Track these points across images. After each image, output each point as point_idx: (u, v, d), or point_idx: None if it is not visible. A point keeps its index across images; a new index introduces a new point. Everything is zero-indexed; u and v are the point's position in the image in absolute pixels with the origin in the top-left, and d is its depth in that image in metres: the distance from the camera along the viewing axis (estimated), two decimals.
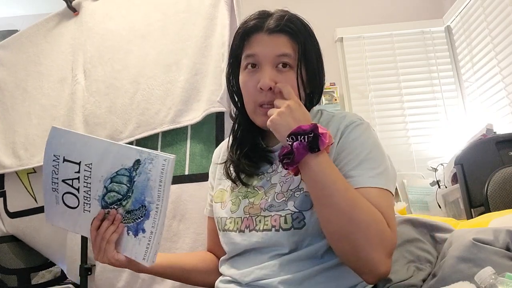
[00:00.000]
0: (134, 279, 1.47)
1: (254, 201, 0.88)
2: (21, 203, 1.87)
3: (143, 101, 1.57)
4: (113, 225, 0.84)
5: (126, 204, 0.83)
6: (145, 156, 0.81)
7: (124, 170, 0.82)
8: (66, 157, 0.86)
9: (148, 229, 0.82)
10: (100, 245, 0.85)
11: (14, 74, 1.95)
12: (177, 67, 1.55)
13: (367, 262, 0.73)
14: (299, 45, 0.87)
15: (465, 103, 2.94)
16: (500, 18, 2.46)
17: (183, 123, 1.48)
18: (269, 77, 0.85)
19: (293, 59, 0.87)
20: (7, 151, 1.86)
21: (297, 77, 0.86)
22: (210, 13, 1.51)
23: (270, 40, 0.87)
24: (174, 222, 1.42)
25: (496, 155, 1.70)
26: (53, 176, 0.89)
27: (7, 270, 1.83)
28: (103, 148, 0.84)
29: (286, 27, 0.87)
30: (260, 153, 0.93)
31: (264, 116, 0.86)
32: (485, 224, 1.04)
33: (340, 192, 0.73)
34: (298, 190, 0.84)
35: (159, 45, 1.61)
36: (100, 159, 0.84)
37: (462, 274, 0.71)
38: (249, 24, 0.90)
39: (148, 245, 0.82)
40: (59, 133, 0.89)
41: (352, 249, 0.74)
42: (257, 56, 0.87)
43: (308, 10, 3.04)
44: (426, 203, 2.20)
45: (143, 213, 0.82)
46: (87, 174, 0.85)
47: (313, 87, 0.92)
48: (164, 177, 0.80)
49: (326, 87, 2.84)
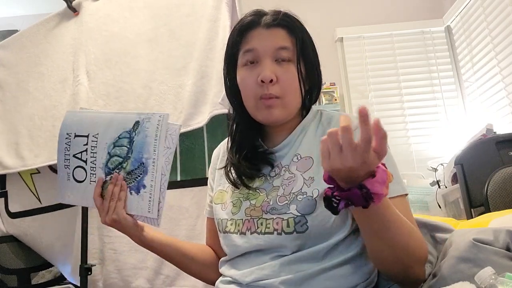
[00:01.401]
0: (155, 276, 1.51)
1: (255, 203, 0.87)
2: (24, 203, 1.88)
3: (156, 105, 1.61)
4: (116, 185, 0.91)
5: (127, 165, 0.92)
6: (143, 116, 0.91)
7: (125, 133, 0.92)
8: (76, 133, 0.97)
9: (148, 184, 0.89)
10: (109, 205, 0.90)
11: (15, 75, 1.96)
12: (185, 71, 1.58)
13: (415, 277, 0.77)
14: (297, 39, 0.88)
15: (465, 103, 2.94)
16: (500, 18, 2.46)
17: (193, 126, 1.52)
18: (269, 69, 0.85)
19: (292, 52, 0.87)
20: (10, 151, 1.86)
21: (297, 70, 0.86)
22: (213, 15, 1.53)
23: (269, 34, 0.87)
24: (199, 222, 1.52)
25: (496, 155, 1.71)
26: (65, 154, 0.98)
27: (7, 270, 1.83)
28: (108, 118, 0.95)
29: (283, 21, 0.88)
30: (261, 155, 0.92)
31: (266, 109, 0.85)
32: (485, 224, 1.04)
33: (399, 228, 0.72)
34: (301, 193, 0.83)
35: (167, 50, 1.64)
36: (105, 128, 0.94)
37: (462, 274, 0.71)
38: (245, 21, 0.90)
39: (150, 197, 0.89)
40: (72, 114, 1.01)
41: (403, 270, 0.76)
42: (256, 51, 0.87)
43: (308, 10, 3.06)
44: (426, 203, 2.20)
45: (142, 170, 0.90)
46: (94, 144, 0.95)
47: (312, 83, 0.92)
48: (159, 132, 0.88)
49: (326, 87, 2.84)
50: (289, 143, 0.91)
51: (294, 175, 0.86)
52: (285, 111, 0.87)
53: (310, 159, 0.86)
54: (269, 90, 0.84)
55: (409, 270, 0.76)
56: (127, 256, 1.58)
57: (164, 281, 1.50)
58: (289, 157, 0.89)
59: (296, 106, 0.89)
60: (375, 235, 0.73)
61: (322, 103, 2.79)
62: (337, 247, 0.82)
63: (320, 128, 0.91)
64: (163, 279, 1.51)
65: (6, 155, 1.86)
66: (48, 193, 1.88)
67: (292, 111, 0.89)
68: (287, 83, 0.86)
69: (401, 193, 0.82)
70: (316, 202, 0.80)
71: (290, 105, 0.87)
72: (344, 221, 0.82)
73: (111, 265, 1.60)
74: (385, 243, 0.73)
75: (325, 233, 0.81)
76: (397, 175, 0.83)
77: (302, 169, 0.86)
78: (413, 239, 0.75)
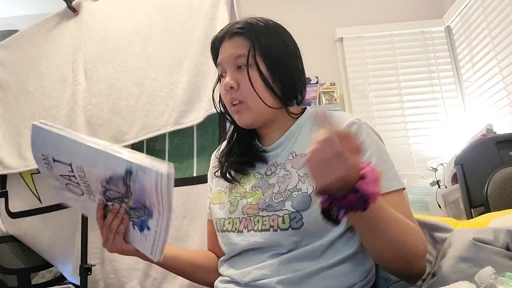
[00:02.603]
0: (145, 278, 1.49)
1: (252, 201, 0.89)
2: (24, 203, 1.88)
3: (148, 103, 1.58)
4: (117, 218, 0.83)
5: (128, 201, 0.80)
6: (136, 167, 0.73)
7: (117, 176, 0.76)
8: (55, 158, 0.81)
9: (153, 228, 0.79)
10: (107, 235, 0.85)
11: (16, 75, 1.96)
12: (179, 68, 1.55)
13: (418, 272, 0.79)
14: (251, 43, 0.90)
15: (465, 103, 2.94)
16: (500, 18, 2.46)
17: (185, 124, 1.49)
18: (229, 77, 0.91)
19: (251, 57, 0.90)
20: (13, 152, 1.86)
21: (248, 74, 0.89)
22: (211, 13, 1.52)
23: (230, 45, 0.92)
24: (185, 222, 1.46)
25: (496, 155, 1.71)
26: (49, 171, 0.84)
27: (7, 270, 1.83)
28: (90, 154, 0.77)
29: (239, 29, 0.92)
30: (254, 153, 0.95)
31: (236, 114, 0.92)
32: (485, 224, 1.04)
33: (394, 225, 0.73)
34: (296, 190, 0.84)
35: (161, 47, 1.62)
36: (90, 164, 0.78)
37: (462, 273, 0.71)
38: (216, 37, 0.96)
39: (153, 242, 0.80)
40: (41, 132, 0.81)
41: (404, 267, 0.77)
42: (222, 64, 0.93)
43: (308, 10, 3.06)
44: (426, 203, 2.20)
45: (145, 212, 0.79)
46: (81, 174, 0.80)
47: (282, 81, 0.91)
48: (161, 190, 0.72)
49: (326, 87, 2.84)
50: (284, 142, 0.93)
51: (289, 172, 0.88)
52: (252, 113, 0.91)
53: (305, 157, 0.87)
54: (232, 95, 0.90)
55: (410, 265, 0.77)
56: (123, 257, 1.57)
57: (152, 283, 1.48)
58: (284, 155, 0.91)
59: (262, 107, 0.90)
60: (373, 235, 0.74)
61: (322, 103, 2.79)
62: (333, 245, 0.82)
63: (315, 127, 0.92)
64: (151, 281, 1.49)
65: (9, 155, 1.86)
66: (48, 193, 1.88)
67: (261, 112, 0.91)
68: (247, 88, 0.89)
69: (398, 188, 0.83)
70: (311, 198, 0.81)
71: (255, 107, 0.90)
72: None
73: (109, 265, 1.60)
74: (383, 242, 0.74)
75: (321, 230, 0.82)
76: (393, 169, 0.84)
77: (297, 166, 0.88)
78: (410, 235, 0.75)
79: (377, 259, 0.81)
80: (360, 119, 0.90)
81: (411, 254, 0.75)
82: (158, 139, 1.59)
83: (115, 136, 1.62)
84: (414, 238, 0.76)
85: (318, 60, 2.95)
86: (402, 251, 0.74)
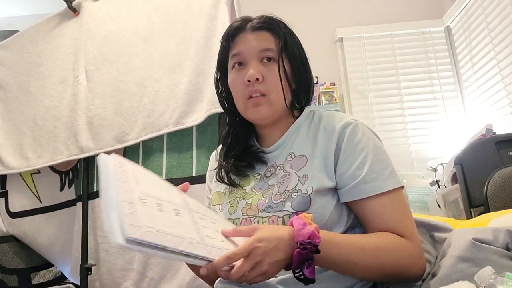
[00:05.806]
0: (141, 278, 1.49)
1: (251, 202, 0.89)
2: (24, 203, 1.88)
3: (149, 103, 1.59)
4: None
5: None
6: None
7: None
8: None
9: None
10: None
11: (16, 75, 1.96)
12: (180, 68, 1.56)
13: (411, 277, 0.80)
14: (280, 39, 0.91)
15: (465, 103, 2.94)
16: (500, 18, 2.46)
17: (186, 124, 1.49)
18: (255, 69, 0.89)
19: (276, 53, 0.90)
20: (15, 152, 1.86)
21: (279, 69, 0.89)
22: (211, 13, 1.52)
23: (254, 37, 0.91)
24: None
25: (496, 155, 1.71)
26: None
27: (7, 270, 1.83)
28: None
29: (267, 24, 0.92)
30: (252, 154, 0.95)
31: (253, 107, 0.89)
32: (484, 224, 1.05)
33: (359, 257, 0.75)
34: (295, 191, 0.84)
35: (162, 47, 1.62)
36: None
37: (461, 273, 0.71)
38: (233, 26, 0.95)
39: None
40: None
41: (394, 278, 0.79)
42: (243, 54, 0.91)
43: (308, 10, 3.06)
44: (426, 203, 2.21)
45: None
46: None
47: (299, 83, 0.94)
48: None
49: (326, 87, 2.84)
50: (283, 143, 0.93)
51: (288, 173, 0.88)
52: (272, 108, 0.90)
53: (303, 157, 0.88)
54: (255, 87, 0.88)
55: (401, 276, 0.78)
56: (116, 257, 1.57)
57: (149, 284, 1.48)
58: (283, 156, 0.91)
59: (282, 103, 0.91)
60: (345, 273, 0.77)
61: (322, 103, 2.79)
62: None
63: (312, 127, 0.93)
64: (148, 282, 1.48)
65: (10, 155, 1.86)
66: (48, 193, 1.88)
67: (279, 108, 0.91)
68: (272, 81, 0.89)
69: (395, 186, 0.82)
70: (310, 199, 0.82)
71: (276, 102, 0.90)
72: (339, 217, 0.84)
73: (104, 266, 1.59)
74: (359, 272, 0.77)
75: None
76: (390, 168, 0.84)
77: (296, 167, 0.88)
78: (383, 255, 0.76)
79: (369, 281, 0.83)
80: (356, 119, 0.90)
81: (394, 270, 0.77)
82: (155, 138, 1.59)
83: (117, 136, 1.62)
84: (390, 255, 0.76)
85: (318, 60, 2.94)
86: (381, 270, 0.76)
